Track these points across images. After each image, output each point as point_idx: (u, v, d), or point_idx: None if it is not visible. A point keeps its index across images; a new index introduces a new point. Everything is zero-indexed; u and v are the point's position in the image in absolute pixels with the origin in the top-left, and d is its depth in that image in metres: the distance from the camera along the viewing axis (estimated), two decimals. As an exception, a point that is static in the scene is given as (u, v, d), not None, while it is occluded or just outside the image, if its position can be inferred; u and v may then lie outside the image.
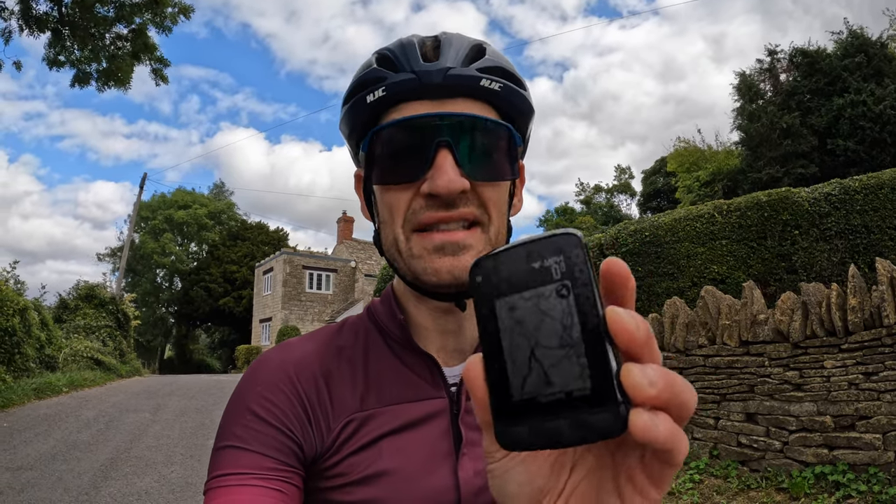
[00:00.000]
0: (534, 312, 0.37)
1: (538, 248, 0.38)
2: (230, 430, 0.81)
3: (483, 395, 0.40)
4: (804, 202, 10.10)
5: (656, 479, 0.41)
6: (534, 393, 0.37)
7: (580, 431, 0.36)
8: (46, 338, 16.47)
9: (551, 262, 0.38)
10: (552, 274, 0.38)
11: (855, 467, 5.15)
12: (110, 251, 56.79)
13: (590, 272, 0.38)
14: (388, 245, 0.85)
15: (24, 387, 12.93)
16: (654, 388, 0.36)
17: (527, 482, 0.44)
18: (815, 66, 23.73)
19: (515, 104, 0.85)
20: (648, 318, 7.19)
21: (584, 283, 0.37)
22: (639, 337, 0.37)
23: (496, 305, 0.39)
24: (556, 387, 0.36)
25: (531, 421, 0.37)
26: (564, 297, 0.37)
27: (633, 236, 11.38)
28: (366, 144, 0.84)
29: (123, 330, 24.83)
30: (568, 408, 0.36)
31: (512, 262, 0.39)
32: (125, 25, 11.59)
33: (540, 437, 0.37)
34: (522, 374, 0.37)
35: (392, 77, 0.81)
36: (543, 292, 0.37)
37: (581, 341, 0.36)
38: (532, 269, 0.38)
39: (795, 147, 22.80)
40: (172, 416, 11.79)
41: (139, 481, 6.99)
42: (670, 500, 5.70)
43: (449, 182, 0.76)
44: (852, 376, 5.23)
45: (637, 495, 0.41)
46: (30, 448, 8.37)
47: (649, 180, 38.96)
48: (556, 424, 0.36)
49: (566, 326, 0.37)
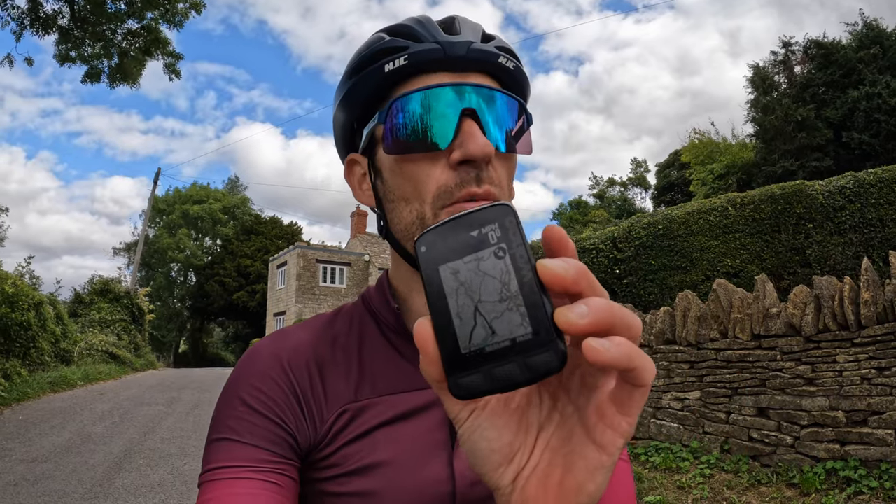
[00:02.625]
0: (475, 274, 0.41)
1: (476, 218, 0.43)
2: (223, 422, 0.80)
3: (434, 352, 0.42)
4: (818, 195, 10.04)
5: (626, 407, 0.43)
6: (482, 344, 0.40)
7: (527, 372, 0.39)
8: (61, 332, 16.59)
9: (488, 230, 0.42)
10: (489, 239, 0.42)
11: (866, 463, 5.12)
12: (125, 246, 57.27)
13: (521, 235, 0.42)
14: (406, 223, 0.81)
15: (39, 380, 13.05)
16: (584, 318, 0.38)
17: (496, 438, 0.46)
18: (830, 59, 23.54)
19: (523, 85, 0.87)
20: (660, 311, 7.16)
21: (517, 245, 0.41)
22: (567, 277, 0.40)
23: (440, 271, 0.42)
24: (501, 336, 0.40)
25: (482, 369, 0.40)
26: (501, 258, 0.41)
27: (646, 229, 11.34)
28: (383, 115, 0.81)
29: (138, 324, 25.01)
30: (514, 353, 0.39)
31: (453, 231, 0.43)
32: (137, 21, 11.63)
33: (492, 381, 0.40)
34: (469, 329, 0.41)
35: (415, 46, 0.80)
36: (482, 255, 0.42)
37: (519, 293, 0.40)
38: (471, 237, 0.42)
39: (810, 140, 22.64)
40: (186, 409, 11.86)
41: (153, 473, 7.04)
42: (681, 494, 5.68)
43: (484, 145, 0.75)
44: (865, 371, 5.19)
45: (608, 429, 0.43)
46: (45, 440, 8.45)
47: (663, 173, 38.73)
48: (506, 369, 0.39)
49: (504, 283, 0.40)
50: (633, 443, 7.09)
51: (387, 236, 0.86)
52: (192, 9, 11.71)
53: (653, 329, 7.11)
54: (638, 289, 11.18)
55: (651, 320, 7.24)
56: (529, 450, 0.46)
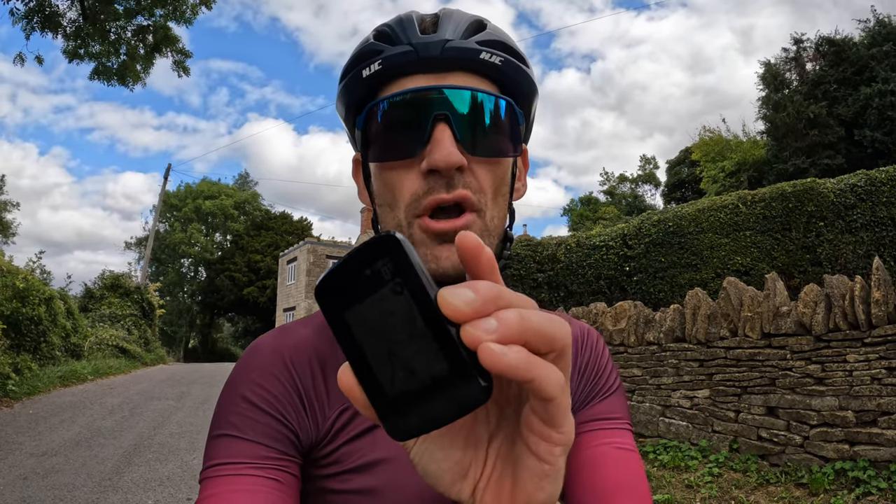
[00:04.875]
0: (379, 314, 0.39)
1: (364, 255, 0.40)
2: (225, 419, 0.79)
3: (363, 400, 0.41)
4: (830, 193, 9.97)
5: (548, 418, 0.41)
6: (404, 386, 0.39)
7: (454, 407, 0.38)
8: (72, 327, 16.69)
9: (380, 265, 0.40)
10: (383, 275, 0.39)
11: (876, 464, 5.08)
12: (136, 241, 57.52)
13: (415, 265, 0.39)
14: (389, 229, 0.81)
15: (49, 375, 13.15)
16: (492, 334, 0.37)
17: (444, 458, 0.45)
18: (842, 55, 23.38)
19: (516, 80, 0.83)
20: (670, 308, 7.14)
21: (412, 276, 0.39)
22: (468, 311, 0.38)
23: (346, 318, 0.40)
24: (421, 375, 0.39)
25: (413, 411, 0.39)
26: (399, 293, 0.39)
27: (656, 226, 11.31)
28: (361, 122, 0.82)
29: (148, 319, 25.15)
30: (437, 390, 0.38)
31: (347, 274, 0.40)
32: (146, 17, 11.64)
33: (424, 422, 0.39)
34: (389, 373, 0.39)
35: (389, 50, 0.79)
36: (381, 295, 0.39)
37: (426, 329, 0.38)
38: (365, 276, 0.40)
39: (822, 137, 22.50)
40: (196, 404, 11.91)
41: (162, 467, 7.07)
42: (689, 493, 5.67)
43: (448, 155, 0.73)
44: (875, 371, 5.15)
45: (541, 441, 0.42)
46: (55, 434, 8.50)
47: (674, 170, 38.60)
48: (434, 407, 0.39)
49: (410, 320, 0.39)
50: (642, 440, 7.08)
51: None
52: (203, 4, 11.72)
53: (662, 327, 7.09)
54: (648, 286, 11.15)
55: (661, 318, 7.22)
56: (482, 462, 0.46)
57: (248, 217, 55.77)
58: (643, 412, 7.18)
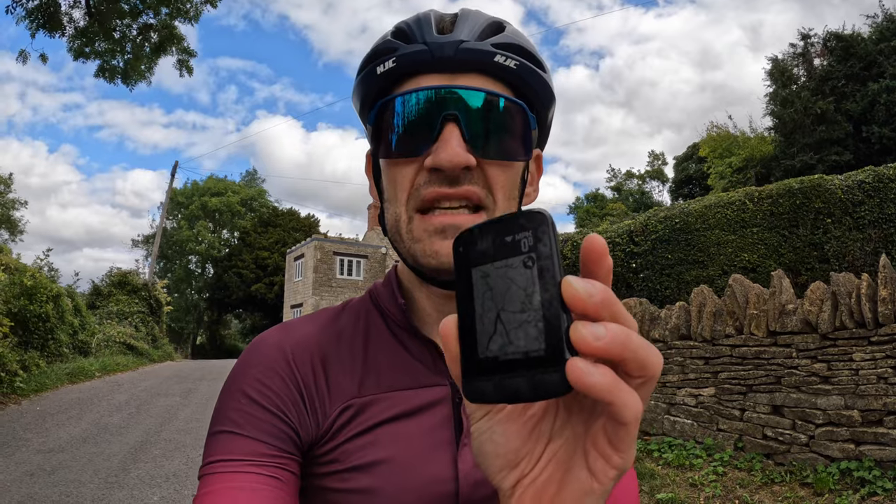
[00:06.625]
0: (503, 280, 0.41)
1: (513, 223, 0.42)
2: (225, 415, 0.79)
3: (455, 351, 0.44)
4: (837, 190, 9.92)
5: (615, 441, 0.42)
6: (497, 352, 0.41)
7: (534, 389, 0.39)
8: (80, 324, 16.75)
9: (522, 237, 0.41)
10: (521, 247, 0.41)
11: (881, 464, 5.06)
12: (144, 238, 57.73)
13: (553, 247, 0.41)
14: (390, 225, 0.83)
15: (57, 371, 13.19)
16: (599, 341, 0.37)
17: (503, 443, 0.46)
18: (850, 51, 23.27)
19: (531, 84, 0.82)
20: (675, 306, 7.12)
21: (546, 256, 0.40)
22: (588, 303, 0.39)
23: (472, 272, 0.43)
24: (516, 347, 0.40)
25: (494, 377, 0.41)
26: (529, 267, 0.41)
27: (663, 223, 11.28)
28: (373, 117, 0.82)
29: (156, 315, 25.22)
30: (525, 367, 0.39)
31: (489, 234, 0.43)
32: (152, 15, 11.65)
33: (500, 392, 0.40)
34: (489, 335, 0.41)
35: (403, 48, 0.79)
36: (512, 263, 0.41)
37: (539, 308, 0.40)
38: (505, 242, 0.42)
39: (829, 133, 22.41)
40: (203, 400, 11.94)
41: (168, 464, 7.10)
42: (693, 492, 5.65)
43: (453, 155, 0.74)
44: (881, 370, 5.12)
45: (600, 458, 0.43)
46: (62, 431, 8.54)
47: (681, 166, 38.53)
48: (515, 382, 0.40)
49: (528, 294, 0.40)
50: (647, 438, 7.07)
51: (385, 233, 0.87)
52: (208, 2, 11.72)
53: (668, 324, 7.07)
54: (654, 283, 11.13)
55: (666, 315, 7.20)
56: (535, 459, 0.46)
57: (255, 214, 55.85)
58: (648, 410, 7.16)
